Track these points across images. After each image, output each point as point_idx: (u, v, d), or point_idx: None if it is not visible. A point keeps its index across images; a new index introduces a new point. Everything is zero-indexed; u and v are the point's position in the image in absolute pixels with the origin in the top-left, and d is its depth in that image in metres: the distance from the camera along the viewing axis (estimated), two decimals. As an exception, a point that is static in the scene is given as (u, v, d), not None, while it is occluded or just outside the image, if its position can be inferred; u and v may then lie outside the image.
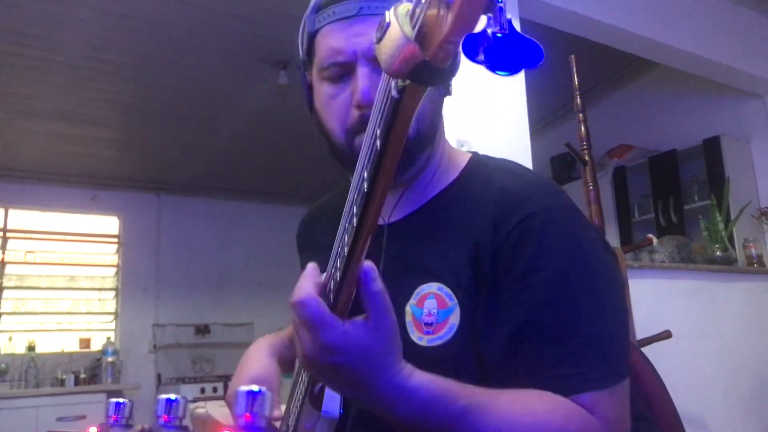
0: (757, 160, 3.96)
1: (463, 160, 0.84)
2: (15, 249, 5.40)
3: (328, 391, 0.71)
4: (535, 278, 0.69)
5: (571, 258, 0.71)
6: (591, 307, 0.69)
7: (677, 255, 2.78)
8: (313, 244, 1.00)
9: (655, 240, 2.71)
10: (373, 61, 0.73)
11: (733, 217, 3.58)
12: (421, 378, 0.61)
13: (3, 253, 5.29)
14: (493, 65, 0.42)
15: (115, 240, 5.73)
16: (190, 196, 5.98)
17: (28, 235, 5.47)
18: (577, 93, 2.28)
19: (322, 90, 0.80)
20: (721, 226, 3.35)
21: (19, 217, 5.41)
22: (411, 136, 0.76)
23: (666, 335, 1.86)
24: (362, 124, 0.75)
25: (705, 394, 2.41)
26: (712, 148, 3.94)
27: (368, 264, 0.58)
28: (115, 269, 5.70)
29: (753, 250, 3.37)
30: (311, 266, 0.63)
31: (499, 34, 0.40)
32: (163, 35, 3.36)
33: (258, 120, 4.49)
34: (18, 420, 4.27)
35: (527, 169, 0.82)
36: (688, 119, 4.24)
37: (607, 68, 4.38)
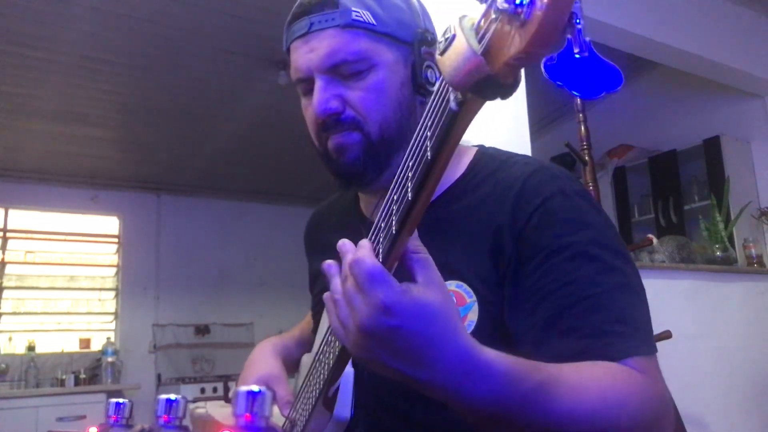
0: (757, 160, 3.96)
1: (470, 154, 0.85)
2: (15, 249, 5.40)
3: (341, 393, 0.70)
4: (561, 257, 0.69)
5: (593, 236, 0.72)
6: (620, 281, 0.70)
7: (677, 255, 2.78)
8: (322, 245, 1.00)
9: (655, 240, 2.71)
10: (326, 73, 0.77)
11: (733, 217, 3.58)
12: (491, 352, 0.55)
13: (3, 253, 5.29)
14: (571, 86, 0.42)
15: (115, 240, 5.73)
16: (190, 196, 5.98)
17: (28, 235, 5.47)
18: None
19: (301, 103, 0.84)
20: (721, 226, 3.35)
21: (19, 217, 5.41)
22: (374, 138, 0.77)
23: (666, 335, 1.86)
24: (325, 129, 0.79)
25: (705, 394, 2.41)
26: (712, 148, 3.94)
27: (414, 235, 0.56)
28: (115, 269, 5.70)
29: (753, 250, 3.38)
30: (365, 241, 0.57)
31: (577, 56, 0.40)
32: (163, 35, 3.36)
33: (258, 120, 4.49)
34: (18, 420, 4.27)
35: (536, 158, 0.83)
36: (688, 119, 4.24)
37: (607, 68, 4.37)
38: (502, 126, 1.95)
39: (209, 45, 3.49)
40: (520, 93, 2.06)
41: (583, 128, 2.29)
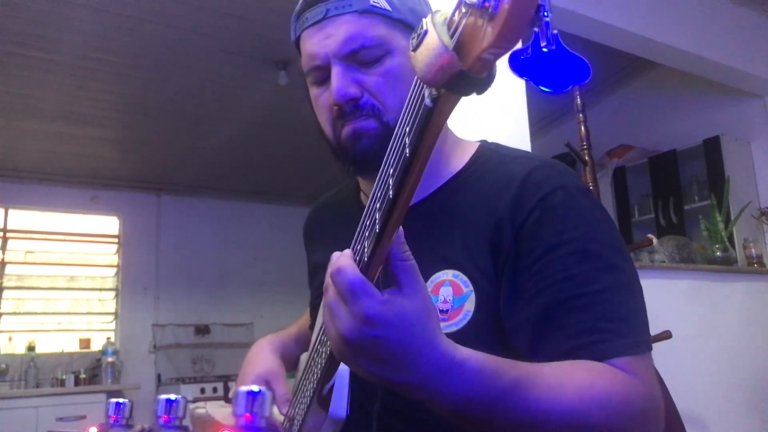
0: (757, 160, 3.96)
1: (472, 147, 0.85)
2: (15, 249, 5.40)
3: (335, 392, 0.70)
4: (559, 253, 0.70)
5: (593, 233, 0.72)
6: (618, 279, 0.70)
7: (677, 255, 2.78)
8: (320, 239, 1.01)
9: (655, 240, 2.71)
10: (344, 59, 0.76)
11: (733, 217, 3.58)
12: (467, 351, 0.57)
13: (3, 253, 5.29)
14: (538, 80, 0.41)
15: (115, 240, 5.73)
16: (190, 196, 5.98)
17: (28, 235, 5.47)
18: (577, 93, 2.28)
19: (311, 93, 0.83)
20: (721, 226, 3.35)
21: (19, 217, 5.41)
22: (392, 125, 0.75)
23: (666, 335, 1.86)
24: (342, 116, 0.78)
25: (705, 394, 2.41)
26: (712, 148, 3.94)
27: (399, 231, 0.56)
28: (115, 269, 5.70)
29: (753, 250, 3.38)
30: (347, 251, 0.59)
31: (545, 49, 0.39)
32: (163, 35, 3.36)
33: (258, 120, 4.49)
34: (18, 420, 4.27)
35: (539, 154, 0.83)
36: (688, 119, 4.24)
37: (607, 68, 4.38)
38: (503, 126, 1.95)
39: (209, 45, 3.49)
40: (520, 93, 2.06)
41: (583, 128, 2.30)
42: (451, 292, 0.74)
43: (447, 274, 0.75)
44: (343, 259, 0.56)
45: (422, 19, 0.78)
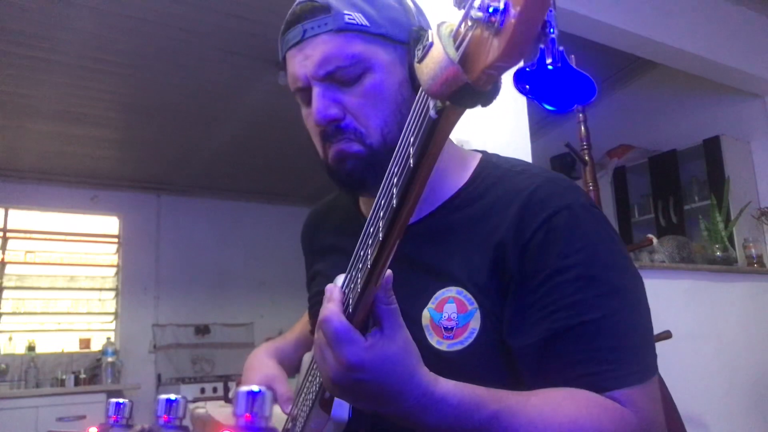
0: (757, 160, 3.96)
1: (473, 160, 0.84)
2: (15, 249, 5.40)
3: None
4: (564, 277, 0.69)
5: (597, 255, 0.71)
6: (620, 304, 0.70)
7: (677, 255, 2.78)
8: (320, 246, 1.00)
9: (655, 240, 2.71)
10: (323, 80, 0.75)
11: (733, 217, 3.58)
12: (447, 385, 0.61)
13: (3, 253, 5.29)
14: (542, 98, 0.41)
15: (115, 240, 5.73)
16: (190, 196, 5.98)
17: (28, 235, 5.47)
18: (577, 93, 2.28)
19: (302, 112, 0.83)
20: (721, 226, 3.35)
21: (19, 217, 5.41)
22: (377, 147, 0.76)
23: (666, 335, 1.86)
24: (326, 137, 0.78)
25: (705, 394, 2.41)
26: (712, 148, 3.94)
27: (387, 275, 0.58)
28: (115, 269, 5.70)
29: (753, 250, 3.37)
30: (337, 289, 0.63)
31: (550, 67, 0.39)
32: (163, 35, 3.36)
33: (258, 120, 4.49)
34: (18, 420, 4.27)
35: (541, 168, 0.81)
36: (688, 119, 4.24)
37: (607, 68, 4.38)
38: (503, 126, 1.95)
39: (209, 45, 3.49)
40: (520, 93, 2.06)
41: (583, 128, 2.30)
42: (455, 308, 0.73)
43: (451, 291, 0.74)
44: (330, 306, 0.60)
45: (405, 29, 0.78)
